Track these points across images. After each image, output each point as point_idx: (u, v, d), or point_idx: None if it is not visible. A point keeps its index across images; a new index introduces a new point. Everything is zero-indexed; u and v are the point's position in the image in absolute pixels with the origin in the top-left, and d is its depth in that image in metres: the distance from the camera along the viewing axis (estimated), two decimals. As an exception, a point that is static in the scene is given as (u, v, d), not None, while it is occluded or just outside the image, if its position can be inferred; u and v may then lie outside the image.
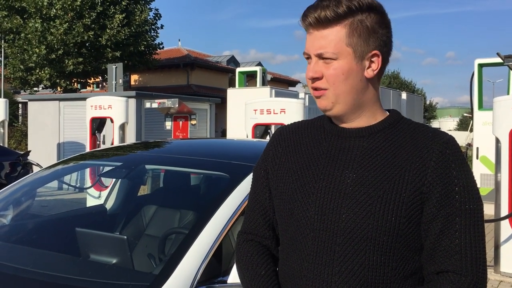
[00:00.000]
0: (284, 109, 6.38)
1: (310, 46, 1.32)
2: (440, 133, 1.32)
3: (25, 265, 2.14)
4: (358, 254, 1.23)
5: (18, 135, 21.15)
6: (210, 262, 1.93)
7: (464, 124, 43.54)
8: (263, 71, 13.11)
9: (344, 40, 1.28)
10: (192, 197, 3.14)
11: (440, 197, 1.24)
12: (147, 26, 22.84)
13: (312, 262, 1.27)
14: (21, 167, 7.65)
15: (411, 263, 1.27)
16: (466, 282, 1.21)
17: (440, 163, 1.25)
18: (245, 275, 1.42)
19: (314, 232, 1.28)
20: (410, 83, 44.36)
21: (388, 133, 1.33)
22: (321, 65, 1.30)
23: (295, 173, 1.36)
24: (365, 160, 1.29)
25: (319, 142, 1.38)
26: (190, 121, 8.38)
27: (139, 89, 24.57)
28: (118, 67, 13.88)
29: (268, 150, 1.49)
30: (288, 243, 1.36)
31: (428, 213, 1.24)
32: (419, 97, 13.98)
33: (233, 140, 3.86)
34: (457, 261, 1.23)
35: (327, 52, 1.29)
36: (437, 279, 1.24)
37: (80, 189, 5.53)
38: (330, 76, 1.30)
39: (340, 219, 1.25)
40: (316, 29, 1.30)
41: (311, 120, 1.50)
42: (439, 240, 1.24)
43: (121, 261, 2.22)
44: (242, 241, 1.48)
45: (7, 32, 20.67)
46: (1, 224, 2.82)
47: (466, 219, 1.24)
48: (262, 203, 1.46)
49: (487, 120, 8.90)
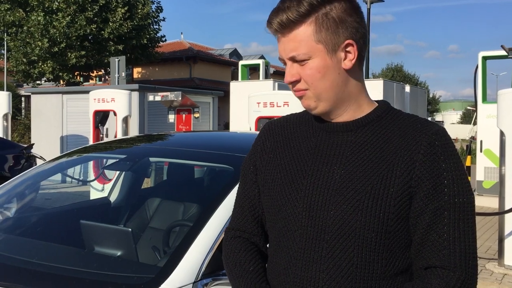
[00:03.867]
0: (287, 102, 6.37)
1: (282, 51, 1.29)
2: (429, 124, 1.28)
3: (31, 257, 2.15)
4: (346, 251, 1.21)
5: (21, 128, 21.19)
6: (215, 254, 1.93)
7: (467, 117, 43.44)
8: (266, 64, 13.07)
9: (312, 38, 1.25)
10: (196, 190, 3.14)
11: (428, 190, 1.21)
12: (150, 19, 22.80)
13: (300, 259, 1.25)
14: (25, 160, 7.66)
15: (401, 260, 1.24)
16: (455, 278, 1.18)
17: (429, 156, 1.22)
18: (232, 272, 1.39)
19: (302, 228, 1.25)
20: (413, 76, 44.23)
21: (376, 126, 1.29)
22: (296, 67, 1.28)
23: (284, 169, 1.34)
24: (354, 155, 1.26)
25: (308, 137, 1.36)
26: (193, 114, 8.36)
27: (142, 82, 24.55)
28: (120, 61, 13.87)
29: (257, 145, 1.46)
30: (275, 240, 1.33)
31: (416, 208, 1.21)
32: (422, 90, 13.92)
33: (236, 133, 3.85)
34: (445, 256, 1.19)
35: (299, 54, 1.26)
36: (425, 274, 1.21)
37: (83, 182, 5.54)
38: (307, 76, 1.27)
39: (328, 215, 1.23)
40: (282, 34, 1.27)
41: (300, 114, 1.46)
42: (427, 235, 1.21)
43: (125, 253, 2.22)
44: (230, 238, 1.45)
45: (10, 25, 20.67)
46: (5, 217, 2.82)
47: (455, 213, 1.21)
48: (251, 199, 1.43)
49: (491, 113, 8.87)
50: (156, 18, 23.58)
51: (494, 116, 6.93)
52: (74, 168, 4.36)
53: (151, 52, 23.78)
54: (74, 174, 5.19)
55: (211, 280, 1.85)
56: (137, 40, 21.90)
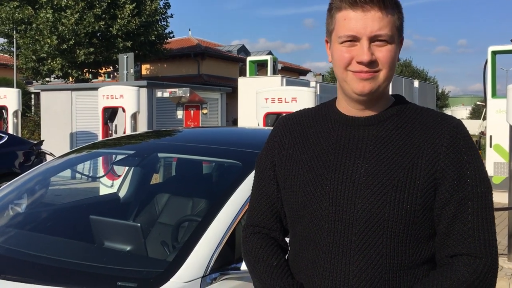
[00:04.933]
0: (295, 98, 6.36)
1: (362, 27, 1.24)
2: (449, 118, 1.32)
3: (42, 252, 2.17)
4: (376, 242, 1.23)
5: (31, 125, 21.36)
6: (223, 249, 1.94)
7: (477, 113, 43.13)
8: (274, 60, 13.06)
9: (395, 23, 1.28)
10: (205, 185, 3.15)
11: (453, 181, 1.24)
12: (158, 16, 22.84)
13: (329, 253, 1.27)
14: (35, 157, 7.71)
15: (426, 250, 1.28)
16: (481, 264, 1.22)
17: (452, 148, 1.25)
18: (256, 267, 1.40)
19: (329, 223, 1.27)
20: (422, 71, 43.91)
21: (396, 120, 1.32)
22: (373, 48, 1.26)
23: (305, 164, 1.34)
24: (377, 149, 1.28)
25: (327, 132, 1.36)
26: (202, 110, 8.38)
27: (150, 78, 24.61)
28: (129, 57, 13.91)
29: (273, 141, 1.46)
30: (301, 235, 1.34)
31: (441, 198, 1.24)
32: (431, 85, 13.84)
33: (244, 129, 3.86)
34: (471, 244, 1.23)
35: (385, 34, 1.25)
36: (451, 262, 1.24)
37: (93, 178, 5.57)
38: (385, 58, 1.26)
39: (356, 209, 1.24)
40: (370, 8, 1.24)
41: (314, 109, 1.47)
42: (453, 224, 1.24)
43: (135, 248, 2.24)
44: (249, 234, 1.46)
45: (19, 22, 20.80)
46: (16, 212, 2.85)
47: (477, 203, 1.25)
48: (268, 195, 1.44)
49: (501, 108, 8.80)
50: (164, 15, 23.62)
51: (503, 111, 6.88)
52: (83, 164, 4.39)
53: (159, 49, 23.83)
54: (83, 170, 5.22)
55: (219, 275, 1.86)
56: (145, 36, 21.96)
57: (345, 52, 1.27)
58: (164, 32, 23.80)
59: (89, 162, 4.37)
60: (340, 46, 1.28)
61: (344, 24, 1.26)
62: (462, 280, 1.20)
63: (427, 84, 13.34)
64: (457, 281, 1.20)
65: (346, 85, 1.31)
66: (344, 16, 1.27)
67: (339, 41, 1.28)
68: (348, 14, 1.26)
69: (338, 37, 1.28)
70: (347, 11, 1.26)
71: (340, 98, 1.39)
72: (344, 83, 1.31)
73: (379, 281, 1.23)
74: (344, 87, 1.33)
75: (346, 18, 1.26)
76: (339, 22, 1.28)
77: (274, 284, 1.34)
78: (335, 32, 1.30)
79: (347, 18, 1.26)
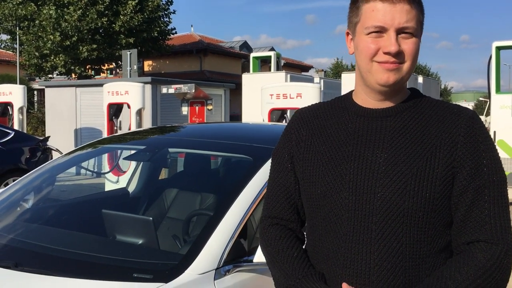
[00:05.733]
0: (300, 94, 6.39)
1: (390, 19, 1.27)
2: (465, 109, 1.36)
3: (58, 245, 2.21)
4: (396, 231, 1.26)
5: (34, 122, 21.40)
6: (236, 242, 1.97)
7: (479, 109, 43.04)
8: (278, 56, 13.06)
9: (419, 17, 1.32)
10: (217, 180, 3.18)
11: (471, 170, 1.28)
12: (160, 12, 22.84)
13: (350, 242, 1.30)
14: (41, 153, 7.77)
15: (444, 237, 1.31)
16: (498, 250, 1.25)
17: (469, 138, 1.29)
18: (275, 259, 1.42)
19: (349, 212, 1.30)
20: (424, 67, 43.88)
21: (413, 111, 1.36)
22: (399, 40, 1.29)
23: (324, 155, 1.37)
24: (395, 139, 1.32)
25: (345, 123, 1.39)
26: (207, 106, 8.41)
27: (153, 75, 24.65)
28: (132, 54, 13.95)
29: (290, 134, 1.48)
30: (320, 225, 1.37)
31: (459, 186, 1.28)
32: (435, 81, 13.86)
33: (252, 124, 3.89)
34: (487, 231, 1.26)
35: (411, 27, 1.29)
36: (468, 249, 1.28)
37: (99, 174, 5.60)
38: (410, 50, 1.30)
39: (375, 198, 1.27)
40: (399, 1, 1.27)
41: (329, 102, 1.50)
42: (470, 212, 1.28)
43: (147, 241, 2.27)
44: (267, 226, 1.48)
45: (22, 19, 20.81)
46: (28, 208, 2.88)
47: (494, 190, 1.29)
48: (286, 186, 1.46)
49: (505, 104, 8.81)
50: (166, 11, 23.62)
51: (507, 106, 6.90)
52: (88, 161, 4.43)
53: (161, 45, 23.84)
54: (89, 167, 5.25)
55: (232, 267, 1.90)
56: (147, 33, 21.96)
57: (371, 43, 1.30)
58: (166, 28, 23.81)
59: (97, 158, 4.40)
60: (366, 37, 1.31)
61: (372, 15, 1.29)
62: (479, 266, 1.23)
63: (431, 80, 13.36)
64: (474, 267, 1.23)
65: (370, 76, 1.33)
66: (372, 8, 1.29)
67: (366, 32, 1.31)
68: (376, 5, 1.28)
69: (365, 28, 1.30)
70: (375, 2, 1.29)
71: (359, 90, 1.42)
72: (368, 73, 1.33)
73: (400, 270, 1.27)
74: (367, 78, 1.35)
75: (374, 9, 1.28)
76: (367, 13, 1.30)
77: (296, 274, 1.35)
78: (361, 23, 1.32)
79: (375, 9, 1.28)
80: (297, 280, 1.34)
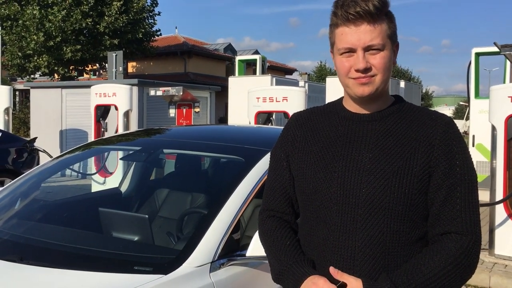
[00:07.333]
0: (286, 97, 6.52)
1: (356, 40, 1.45)
2: (442, 115, 1.55)
3: (59, 240, 2.31)
4: (378, 222, 1.44)
5: (16, 123, 21.18)
6: (229, 238, 2.11)
7: (460, 113, 43.76)
8: (263, 59, 13.23)
9: (386, 32, 1.47)
10: (210, 179, 3.30)
11: (445, 169, 1.45)
12: (145, 13, 22.82)
13: (337, 231, 1.47)
14: (28, 154, 7.77)
15: (421, 229, 1.49)
16: (467, 241, 1.43)
17: (444, 141, 1.47)
18: (271, 247, 1.61)
19: (337, 205, 1.47)
20: (406, 71, 44.43)
21: (396, 116, 1.54)
22: (367, 56, 1.46)
23: (316, 155, 1.55)
24: (379, 141, 1.50)
25: (335, 126, 1.57)
26: (194, 109, 8.52)
27: (137, 76, 24.57)
28: (118, 55, 13.95)
29: (287, 134, 1.67)
30: (312, 217, 1.55)
31: (435, 183, 1.45)
32: (417, 86, 14.15)
33: (242, 127, 4.01)
34: (459, 224, 1.44)
35: (377, 43, 1.45)
36: (442, 239, 1.46)
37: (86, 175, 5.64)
38: (379, 64, 1.46)
39: (361, 193, 1.45)
40: (360, 23, 1.44)
41: (322, 107, 1.68)
42: (444, 206, 1.45)
43: (142, 238, 2.39)
44: (265, 217, 1.67)
45: (5, 19, 20.63)
46: (24, 207, 2.95)
47: (465, 188, 1.46)
48: (282, 182, 1.64)
49: (483, 108, 9.04)
50: (151, 12, 23.61)
51: (486, 111, 7.09)
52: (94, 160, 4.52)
53: (146, 47, 23.81)
54: (89, 168, 5.30)
55: (226, 260, 2.03)
56: (132, 34, 21.93)
57: (344, 62, 1.50)
58: (151, 29, 23.79)
59: (89, 160, 4.47)
60: (340, 57, 1.51)
61: (341, 38, 1.48)
62: (450, 254, 1.42)
63: (412, 85, 13.63)
64: (445, 255, 1.41)
65: (349, 89, 1.53)
66: (341, 32, 1.48)
67: (339, 53, 1.51)
68: (343, 29, 1.47)
69: (338, 49, 1.51)
70: (342, 27, 1.47)
71: (347, 98, 1.60)
72: (347, 88, 1.53)
73: (381, 256, 1.44)
74: (347, 91, 1.55)
75: (343, 33, 1.48)
76: (338, 37, 1.50)
77: (288, 261, 1.53)
78: (335, 45, 1.52)
79: (343, 33, 1.48)
80: (288, 265, 1.52)
